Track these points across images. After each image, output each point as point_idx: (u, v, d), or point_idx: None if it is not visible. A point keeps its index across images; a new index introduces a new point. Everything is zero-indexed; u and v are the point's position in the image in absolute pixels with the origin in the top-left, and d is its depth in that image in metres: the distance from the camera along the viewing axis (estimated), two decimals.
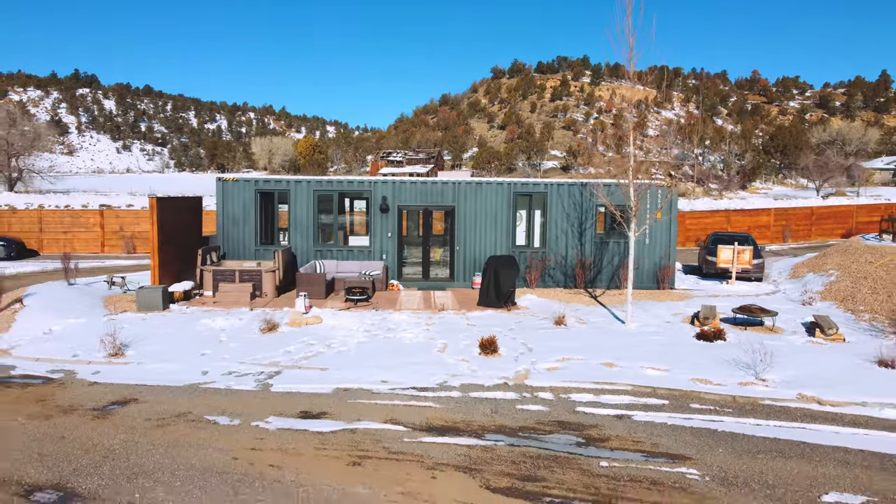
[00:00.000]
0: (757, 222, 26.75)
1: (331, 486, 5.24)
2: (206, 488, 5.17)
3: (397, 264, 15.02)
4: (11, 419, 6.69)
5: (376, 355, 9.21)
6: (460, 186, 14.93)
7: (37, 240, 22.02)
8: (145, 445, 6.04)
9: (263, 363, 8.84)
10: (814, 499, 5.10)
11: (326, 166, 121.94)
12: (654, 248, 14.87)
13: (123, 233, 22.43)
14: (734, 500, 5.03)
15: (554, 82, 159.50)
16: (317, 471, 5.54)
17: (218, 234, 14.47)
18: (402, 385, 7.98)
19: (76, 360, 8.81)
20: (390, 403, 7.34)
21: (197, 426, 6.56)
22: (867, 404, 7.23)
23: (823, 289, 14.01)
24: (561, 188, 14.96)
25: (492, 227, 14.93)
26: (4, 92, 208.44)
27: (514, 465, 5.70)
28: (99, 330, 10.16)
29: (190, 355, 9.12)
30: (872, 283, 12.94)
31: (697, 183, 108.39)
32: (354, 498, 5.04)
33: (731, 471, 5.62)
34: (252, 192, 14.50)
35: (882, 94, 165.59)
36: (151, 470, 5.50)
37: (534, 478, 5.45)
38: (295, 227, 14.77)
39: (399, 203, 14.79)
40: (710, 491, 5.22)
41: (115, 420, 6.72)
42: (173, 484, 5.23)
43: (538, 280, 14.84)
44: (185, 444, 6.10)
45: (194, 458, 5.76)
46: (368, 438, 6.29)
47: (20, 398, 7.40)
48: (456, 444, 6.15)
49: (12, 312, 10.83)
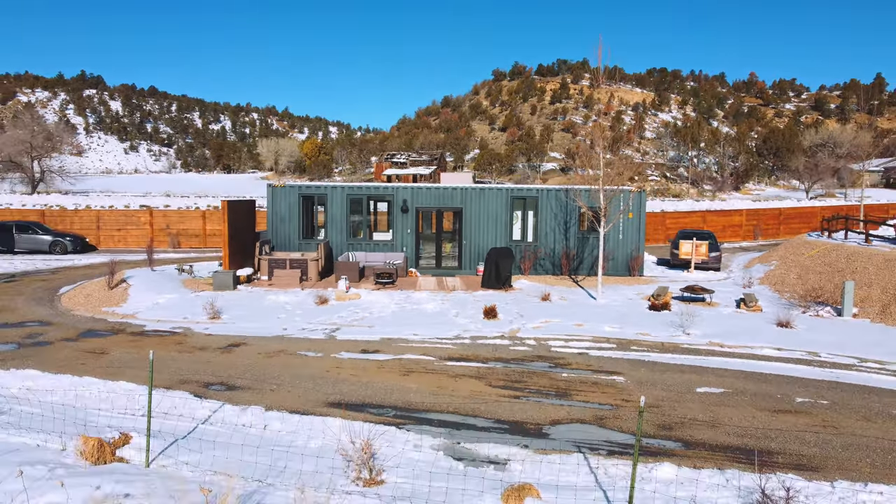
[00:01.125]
0: (730, 222, 29.88)
1: (391, 384, 8.38)
2: (314, 383, 8.32)
3: (415, 255, 18.16)
4: (166, 353, 9.83)
5: (407, 319, 12.35)
6: (467, 191, 18.08)
7: (94, 236, 25.17)
8: (265, 365, 9.19)
9: (325, 323, 11.99)
10: (691, 389, 8.25)
11: (331, 167, 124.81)
12: (626, 242, 17.99)
13: (170, 230, 25.61)
14: (643, 391, 8.17)
15: (554, 85, 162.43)
16: (380, 378, 8.68)
17: (268, 230, 17.65)
18: (428, 336, 11.12)
19: (187, 321, 11.96)
20: (422, 346, 10.48)
21: (294, 357, 9.71)
22: (752, 346, 10.36)
23: (763, 275, 17.14)
24: (549, 193, 18.10)
25: (493, 225, 18.06)
26: (13, 93, 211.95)
27: (507, 376, 8.84)
28: (192, 302, 13.34)
29: (268, 319, 12.26)
30: (798, 270, 16.07)
31: (692, 184, 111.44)
32: (408, 389, 8.18)
33: (645, 379, 8.75)
34: (296, 195, 17.66)
35: (876, 96, 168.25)
36: (275, 377, 8.64)
37: (519, 381, 8.60)
38: (331, 225, 17.94)
39: (416, 205, 17.94)
40: (629, 387, 8.36)
41: (236, 353, 9.87)
42: (293, 383, 8.38)
43: (531, 268, 17.97)
44: (291, 364, 9.25)
45: (300, 371, 8.90)
46: (411, 363, 9.43)
47: (162, 343, 10.55)
48: (468, 366, 9.30)
49: (123, 290, 13.99)
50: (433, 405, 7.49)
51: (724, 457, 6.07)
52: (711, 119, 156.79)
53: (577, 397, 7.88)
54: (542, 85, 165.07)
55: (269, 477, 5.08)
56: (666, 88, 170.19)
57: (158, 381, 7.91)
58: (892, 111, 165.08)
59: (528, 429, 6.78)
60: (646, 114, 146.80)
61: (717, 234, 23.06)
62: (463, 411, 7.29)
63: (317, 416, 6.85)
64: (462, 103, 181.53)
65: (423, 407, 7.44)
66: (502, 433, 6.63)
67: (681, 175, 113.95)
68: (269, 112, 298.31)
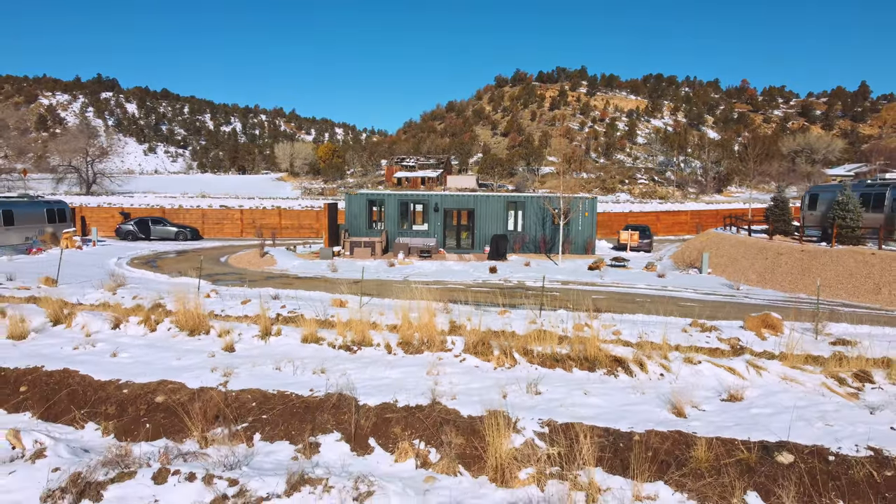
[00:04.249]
0: (678, 220, 38.63)
1: (439, 294, 17.27)
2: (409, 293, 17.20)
3: (443, 240, 26.97)
4: (324, 286, 18.64)
5: (443, 274, 21.15)
6: (477, 198, 26.87)
7: (200, 228, 34.02)
8: (380, 288, 18.04)
9: (398, 274, 20.83)
10: (589, 296, 17.08)
11: (344, 169, 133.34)
12: (583, 231, 26.77)
13: (255, 224, 34.46)
14: (570, 299, 16.97)
15: (553, 92, 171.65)
16: (434, 293, 17.54)
17: (346, 222, 26.48)
18: (457, 280, 19.96)
19: (320, 273, 20.78)
20: (455, 283, 19.32)
21: (390, 285, 18.55)
22: (635, 286, 19.18)
23: (672, 254, 25.97)
24: (531, 199, 26.89)
25: (494, 220, 26.82)
26: (35, 96, 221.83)
27: (501, 291, 17.70)
28: (315, 264, 22.19)
29: (365, 272, 21.08)
30: (692, 249, 24.87)
31: (678, 187, 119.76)
32: (451, 294, 17.04)
33: (571, 297, 17.58)
34: (364, 199, 26.50)
35: (860, 103, 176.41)
36: (388, 292, 17.49)
37: (506, 294, 17.47)
38: (387, 219, 26.77)
39: (444, 206, 26.75)
40: (559, 296, 17.20)
41: (361, 285, 18.71)
42: (398, 293, 17.24)
43: (520, 248, 26.75)
44: (392, 287, 18.09)
45: (398, 289, 17.77)
46: (450, 288, 18.29)
47: (316, 281, 19.34)
48: (480, 290, 18.16)
49: (269, 257, 22.84)
50: (465, 300, 16.30)
51: (590, 313, 14.86)
52: (701, 125, 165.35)
53: (532, 299, 16.69)
54: (541, 92, 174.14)
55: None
56: (660, 95, 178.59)
57: (335, 292, 16.74)
58: (874, 117, 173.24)
59: (508, 304, 15.57)
60: (638, 120, 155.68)
61: (666, 230, 31.85)
62: (479, 301, 16.11)
63: (414, 301, 15.67)
64: (466, 108, 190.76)
65: (461, 301, 16.27)
66: (496, 306, 15.41)
67: (668, 178, 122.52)
68: (277, 114, 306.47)
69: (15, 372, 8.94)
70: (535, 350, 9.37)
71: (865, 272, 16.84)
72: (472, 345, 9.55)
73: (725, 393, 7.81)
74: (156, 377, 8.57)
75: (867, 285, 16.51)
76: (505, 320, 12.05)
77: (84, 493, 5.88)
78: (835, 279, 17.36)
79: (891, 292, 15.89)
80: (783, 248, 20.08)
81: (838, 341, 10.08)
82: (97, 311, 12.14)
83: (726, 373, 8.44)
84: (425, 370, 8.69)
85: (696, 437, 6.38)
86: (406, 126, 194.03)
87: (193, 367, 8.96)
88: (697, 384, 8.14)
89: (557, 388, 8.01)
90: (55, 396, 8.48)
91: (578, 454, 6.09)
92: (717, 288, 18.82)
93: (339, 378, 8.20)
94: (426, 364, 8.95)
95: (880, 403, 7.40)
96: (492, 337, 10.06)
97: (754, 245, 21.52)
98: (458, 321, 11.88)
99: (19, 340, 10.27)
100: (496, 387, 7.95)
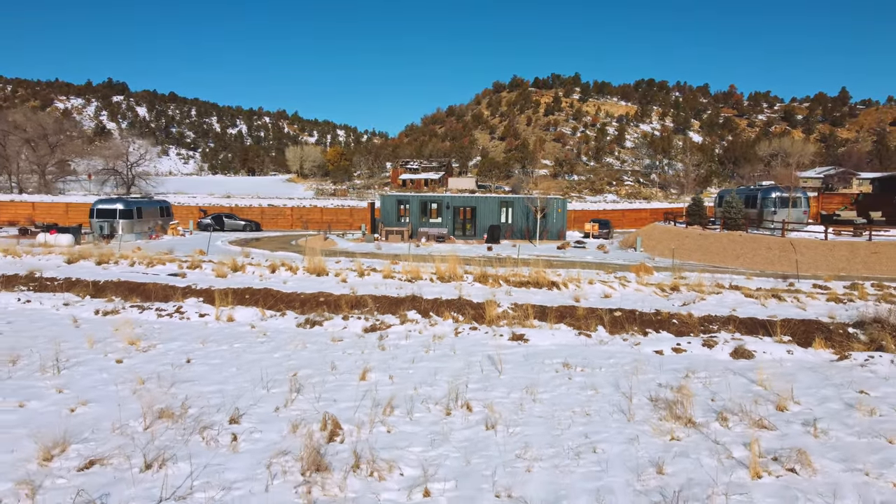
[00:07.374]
0: (640, 216, 47.46)
1: (447, 255, 26.28)
2: (430, 259, 26.18)
3: (452, 229, 35.80)
4: (374, 256, 27.58)
5: (454, 251, 30.05)
6: (478, 198, 35.73)
7: (260, 221, 42.77)
8: (416, 258, 27.02)
9: (423, 251, 29.76)
10: (552, 263, 26.10)
11: (351, 171, 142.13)
12: (557, 224, 35.61)
13: (303, 219, 43.26)
14: (536, 265, 25.94)
15: (547, 98, 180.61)
16: (451, 260, 26.54)
17: (381, 216, 35.33)
18: (465, 255, 28.91)
19: (368, 250, 29.68)
20: (462, 255, 28.28)
21: (421, 256, 27.47)
22: (585, 258, 28.12)
23: (621, 240, 34.98)
24: (518, 199, 35.70)
25: (490, 214, 35.65)
26: (51, 100, 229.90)
27: (494, 260, 26.70)
28: (362, 245, 31.14)
29: (400, 249, 30.03)
30: (634, 236, 33.85)
31: (660, 188, 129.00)
32: (461, 262, 26.03)
33: (539, 263, 26.55)
34: (394, 199, 35.31)
35: (839, 108, 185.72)
36: (422, 256, 26.39)
37: (497, 261, 26.47)
38: (411, 214, 35.58)
39: (453, 204, 35.58)
40: (534, 263, 26.20)
41: (400, 256, 27.66)
42: (429, 259, 26.23)
43: (510, 236, 35.56)
44: (424, 256, 27.07)
45: (427, 255, 26.75)
46: (457, 256, 27.23)
47: (370, 254, 28.28)
48: (479, 257, 27.14)
49: (330, 241, 31.74)
50: (468, 261, 25.23)
51: (540, 265, 23.80)
52: (688, 129, 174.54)
53: (514, 263, 25.62)
54: (537, 98, 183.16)
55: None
56: (650, 101, 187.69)
57: (387, 258, 25.66)
58: (851, 122, 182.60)
59: (498, 265, 24.51)
60: (628, 125, 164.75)
61: (630, 223, 40.72)
62: (479, 263, 25.06)
63: (438, 264, 24.60)
64: (465, 112, 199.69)
65: (466, 261, 25.19)
66: (491, 267, 24.32)
67: (653, 180, 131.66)
68: (280, 116, 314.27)
69: (237, 289, 17.92)
70: (511, 279, 18.37)
71: (733, 246, 25.82)
72: (477, 277, 18.51)
73: (603, 294, 16.77)
74: (314, 290, 17.45)
75: (733, 254, 25.49)
76: (495, 271, 20.96)
77: (314, 323, 14.82)
78: (716, 251, 26.30)
79: (744, 258, 24.94)
80: (690, 233, 29.07)
81: (679, 277, 19.08)
82: (251, 266, 21.07)
83: (607, 287, 17.35)
84: (453, 287, 17.62)
85: (581, 307, 15.14)
86: (408, 129, 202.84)
87: (332, 287, 17.86)
88: (591, 292, 16.84)
89: (520, 294, 16.83)
90: (268, 300, 17.44)
91: (526, 315, 14.96)
92: (639, 259, 27.80)
93: (409, 290, 17.16)
94: (453, 286, 17.88)
95: (677, 297, 16.26)
96: (488, 275, 19.04)
97: (674, 231, 30.49)
98: (469, 269, 20.78)
99: (222, 277, 19.18)
100: (490, 293, 16.87)
